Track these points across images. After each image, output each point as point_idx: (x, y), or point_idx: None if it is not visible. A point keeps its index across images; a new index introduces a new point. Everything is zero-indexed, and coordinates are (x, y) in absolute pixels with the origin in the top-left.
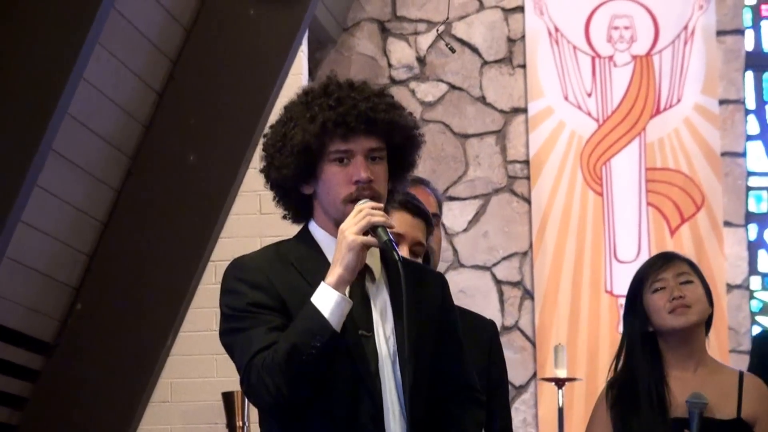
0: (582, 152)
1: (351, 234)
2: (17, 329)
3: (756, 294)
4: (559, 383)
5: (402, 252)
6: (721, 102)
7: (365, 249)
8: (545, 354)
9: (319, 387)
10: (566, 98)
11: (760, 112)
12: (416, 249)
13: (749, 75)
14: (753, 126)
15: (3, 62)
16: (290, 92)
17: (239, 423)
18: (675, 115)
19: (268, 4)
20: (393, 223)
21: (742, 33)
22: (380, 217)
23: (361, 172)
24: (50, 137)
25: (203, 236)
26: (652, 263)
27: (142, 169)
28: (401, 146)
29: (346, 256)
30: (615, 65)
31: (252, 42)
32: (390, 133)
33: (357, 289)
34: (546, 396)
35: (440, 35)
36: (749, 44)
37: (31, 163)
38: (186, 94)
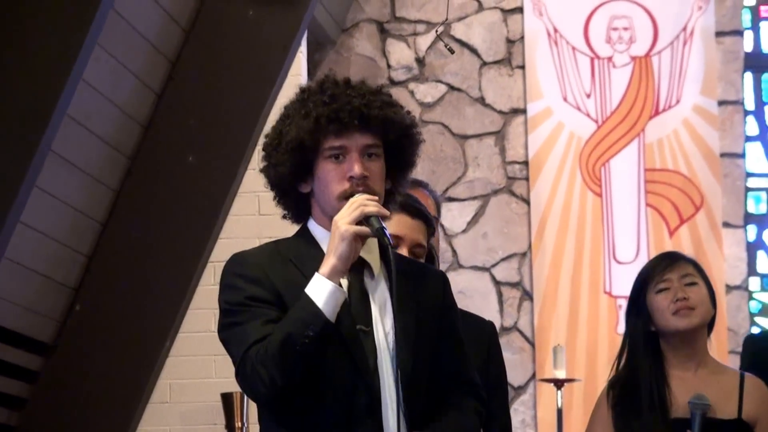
0: (581, 153)
1: (344, 224)
2: (16, 330)
3: (755, 295)
4: (558, 384)
5: (402, 254)
6: (720, 103)
7: (359, 239)
8: (544, 355)
9: (317, 381)
10: (565, 99)
11: (759, 113)
12: (416, 250)
13: (748, 76)
14: (752, 127)
15: (2, 63)
16: (289, 93)
17: (238, 424)
18: (674, 116)
19: (267, 5)
20: (387, 212)
21: (741, 34)
22: (373, 207)
23: (355, 168)
24: (49, 138)
25: (202, 237)
26: (657, 263)
27: (141, 170)
28: (398, 144)
29: (339, 246)
30: (614, 66)
31: (251, 43)
32: (385, 130)
33: (356, 285)
34: (545, 397)
35: (439, 36)
36: (748, 45)
37: (30, 164)
38: (185, 95)
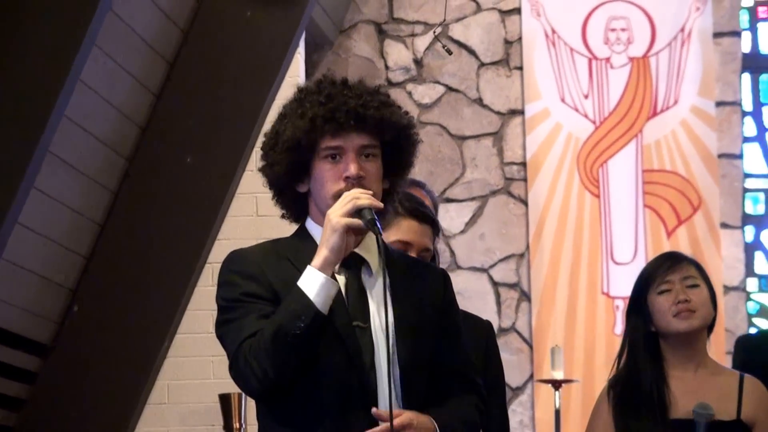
0: (579, 154)
1: (336, 216)
2: (14, 331)
3: (753, 296)
4: (556, 385)
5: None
6: (718, 104)
7: (352, 231)
8: (542, 356)
9: (312, 377)
10: (563, 100)
11: (757, 114)
12: (424, 255)
13: (746, 77)
14: (750, 128)
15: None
16: (287, 94)
17: (236, 425)
18: (672, 117)
19: (265, 6)
20: (380, 204)
21: (739, 35)
22: (366, 200)
23: (351, 168)
24: (47, 139)
25: (200, 238)
26: (660, 264)
27: (139, 171)
28: (395, 144)
29: (331, 238)
30: (612, 67)
31: (249, 44)
32: (381, 131)
33: (354, 282)
34: (543, 398)
35: (437, 37)
36: (746, 46)
37: (28, 165)
38: (183, 96)
